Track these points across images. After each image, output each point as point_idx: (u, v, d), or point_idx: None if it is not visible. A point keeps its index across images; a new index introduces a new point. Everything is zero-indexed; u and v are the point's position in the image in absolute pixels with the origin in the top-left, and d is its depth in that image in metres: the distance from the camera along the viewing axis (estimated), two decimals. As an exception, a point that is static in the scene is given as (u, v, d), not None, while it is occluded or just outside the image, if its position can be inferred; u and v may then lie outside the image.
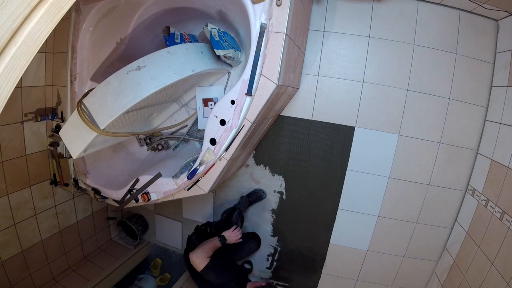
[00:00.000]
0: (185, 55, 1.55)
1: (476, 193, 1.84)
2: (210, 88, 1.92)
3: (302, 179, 2.15)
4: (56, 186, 2.16)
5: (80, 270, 2.41)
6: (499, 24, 1.77)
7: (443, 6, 1.78)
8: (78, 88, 1.75)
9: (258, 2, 1.32)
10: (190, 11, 1.80)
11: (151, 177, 1.66)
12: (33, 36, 0.46)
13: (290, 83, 1.65)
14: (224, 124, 1.47)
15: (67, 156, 2.00)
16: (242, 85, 1.40)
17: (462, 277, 1.78)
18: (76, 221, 2.42)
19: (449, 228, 2.01)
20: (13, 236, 1.95)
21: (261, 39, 1.34)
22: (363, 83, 1.92)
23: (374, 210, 2.07)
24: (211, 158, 1.52)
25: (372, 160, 2.00)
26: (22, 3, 0.42)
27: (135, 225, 2.64)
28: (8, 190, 1.87)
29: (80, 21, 1.66)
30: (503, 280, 1.48)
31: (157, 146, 2.08)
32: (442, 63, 1.83)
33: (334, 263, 2.25)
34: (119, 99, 1.34)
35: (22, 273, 2.05)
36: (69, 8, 0.50)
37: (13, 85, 0.47)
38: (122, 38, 1.86)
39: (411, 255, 2.11)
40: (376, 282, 2.22)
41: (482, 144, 1.86)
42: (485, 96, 1.83)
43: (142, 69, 1.36)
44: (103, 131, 1.37)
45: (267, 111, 1.61)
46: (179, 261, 2.72)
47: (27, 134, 1.93)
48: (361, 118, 1.96)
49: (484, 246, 1.67)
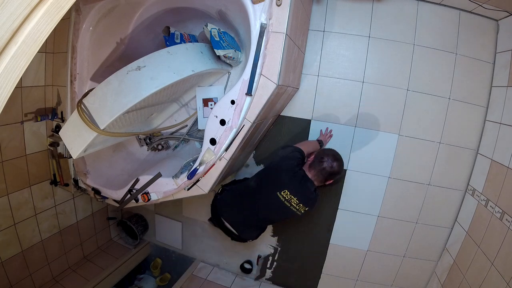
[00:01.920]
0: (185, 55, 1.55)
1: (476, 193, 1.84)
2: (210, 88, 1.92)
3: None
4: (56, 186, 2.16)
5: (80, 270, 2.42)
6: (499, 24, 1.77)
7: (443, 6, 1.78)
8: (78, 88, 1.75)
9: (258, 2, 1.32)
10: (190, 11, 1.80)
11: (151, 177, 1.66)
12: (33, 36, 0.46)
13: (290, 83, 1.65)
14: (224, 124, 1.47)
15: (67, 156, 2.00)
16: (242, 85, 1.41)
17: (462, 277, 1.78)
18: (76, 221, 2.42)
19: (449, 228, 2.01)
20: (13, 236, 1.95)
21: (261, 39, 1.34)
22: (363, 83, 1.92)
23: (374, 210, 2.07)
24: (211, 158, 1.52)
25: (372, 160, 2.00)
26: (22, 3, 0.42)
27: (135, 225, 2.64)
28: (8, 190, 1.87)
29: (80, 21, 1.66)
30: (503, 280, 1.47)
31: (157, 146, 2.08)
32: (442, 63, 1.83)
33: (334, 263, 2.25)
34: (119, 99, 1.34)
35: (22, 273, 2.05)
36: (69, 8, 0.50)
37: (13, 85, 0.47)
38: (122, 38, 1.86)
39: (411, 255, 2.11)
40: (376, 282, 2.22)
41: (482, 144, 1.86)
42: (485, 96, 1.83)
43: (142, 69, 1.37)
44: (103, 131, 1.37)
45: (267, 111, 1.61)
46: (179, 261, 2.72)
47: (27, 134, 1.93)
48: (361, 118, 1.96)
49: (484, 246, 1.67)
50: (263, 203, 1.60)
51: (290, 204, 1.53)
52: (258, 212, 1.64)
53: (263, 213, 1.64)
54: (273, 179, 1.58)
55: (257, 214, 1.65)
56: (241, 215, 1.70)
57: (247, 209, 1.66)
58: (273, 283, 2.44)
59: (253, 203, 1.63)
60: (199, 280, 2.38)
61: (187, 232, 2.61)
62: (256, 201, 1.62)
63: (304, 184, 1.52)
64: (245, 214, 1.68)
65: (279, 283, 2.43)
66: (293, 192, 1.51)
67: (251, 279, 2.47)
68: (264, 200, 1.59)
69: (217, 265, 2.58)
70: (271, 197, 1.55)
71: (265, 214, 1.65)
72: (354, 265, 2.21)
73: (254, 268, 2.45)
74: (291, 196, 1.52)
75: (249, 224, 1.73)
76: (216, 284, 2.36)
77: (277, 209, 1.58)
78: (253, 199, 1.63)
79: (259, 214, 1.65)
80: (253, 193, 1.63)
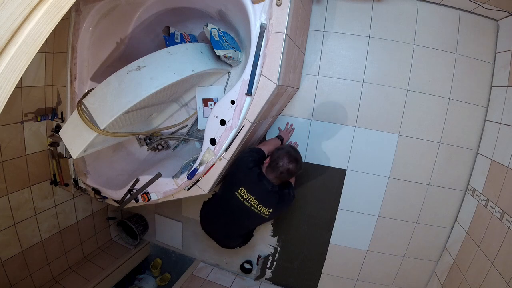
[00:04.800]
0: (185, 55, 1.55)
1: (476, 193, 1.84)
2: (210, 88, 1.92)
3: (302, 179, 2.14)
4: (56, 186, 2.16)
5: (80, 270, 2.42)
6: (499, 24, 1.77)
7: (443, 6, 1.78)
8: (78, 88, 1.75)
9: (258, 2, 1.32)
10: (190, 11, 1.80)
11: (151, 177, 1.66)
12: (33, 36, 0.46)
13: (290, 83, 1.65)
14: (224, 124, 1.47)
15: (67, 156, 2.00)
16: (242, 85, 1.40)
17: (462, 277, 1.78)
18: (76, 221, 2.42)
19: (449, 228, 2.01)
20: (13, 236, 1.95)
21: (261, 39, 1.34)
22: (363, 83, 1.92)
23: (374, 210, 2.07)
24: (211, 158, 1.52)
25: (372, 160, 2.00)
26: (22, 3, 0.42)
27: (135, 225, 2.64)
28: (8, 190, 1.87)
29: (80, 21, 1.66)
30: (503, 280, 1.47)
31: (157, 146, 2.08)
32: (442, 63, 1.83)
33: (334, 263, 2.25)
34: (119, 99, 1.34)
35: (22, 273, 2.05)
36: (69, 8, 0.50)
37: (13, 85, 0.47)
38: (122, 38, 1.86)
39: (411, 255, 2.11)
40: (376, 282, 2.22)
41: (482, 144, 1.86)
42: (485, 96, 1.83)
43: (142, 69, 1.36)
44: (103, 131, 1.37)
45: (267, 111, 1.61)
46: (179, 261, 2.72)
47: (27, 134, 1.93)
48: (361, 118, 1.96)
49: (484, 246, 1.67)
50: (228, 208, 1.56)
51: (250, 205, 1.47)
52: (229, 220, 1.61)
53: (232, 219, 1.60)
54: (230, 178, 1.56)
55: (230, 223, 1.63)
56: (218, 225, 1.70)
57: (221, 219, 1.64)
58: (273, 283, 2.44)
59: (223, 211, 1.60)
60: (199, 280, 2.38)
61: (187, 232, 2.61)
62: (224, 209, 1.59)
63: (260, 181, 1.46)
64: (220, 225, 1.67)
65: (279, 283, 2.43)
66: (250, 190, 1.46)
67: (251, 279, 2.47)
68: (227, 204, 1.55)
69: (217, 265, 2.58)
70: (232, 198, 1.49)
71: (234, 220, 1.60)
72: (354, 265, 2.21)
73: (254, 268, 2.45)
74: (248, 194, 1.46)
75: (228, 234, 1.72)
76: (216, 284, 2.36)
77: (240, 212, 1.52)
78: (222, 207, 1.60)
79: (231, 222, 1.62)
80: (220, 200, 1.62)
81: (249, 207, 1.48)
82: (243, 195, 1.47)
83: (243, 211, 1.51)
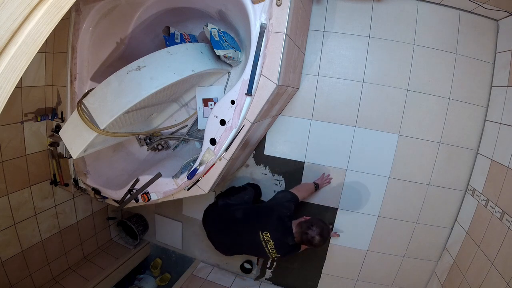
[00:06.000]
0: (185, 55, 1.55)
1: (476, 193, 1.84)
2: (210, 88, 1.92)
3: (302, 179, 2.14)
4: (56, 186, 2.16)
5: (80, 270, 2.41)
6: (499, 24, 1.77)
7: (443, 6, 1.78)
8: (78, 88, 1.75)
9: (258, 2, 1.32)
10: (190, 11, 1.80)
11: (151, 177, 1.66)
12: (33, 36, 0.46)
13: (290, 83, 1.65)
14: (224, 124, 1.47)
15: (67, 156, 2.01)
16: (242, 85, 1.41)
17: (462, 277, 1.78)
18: (76, 221, 2.42)
19: (449, 228, 2.01)
20: (13, 236, 1.95)
21: (261, 39, 1.34)
22: (363, 83, 1.92)
23: (374, 210, 2.07)
24: (211, 158, 1.52)
25: (372, 160, 2.00)
26: (22, 3, 0.42)
27: (135, 225, 2.64)
28: (8, 190, 1.87)
29: (80, 21, 1.66)
30: (503, 280, 1.47)
31: (157, 146, 2.08)
32: (442, 63, 1.83)
33: (334, 263, 2.25)
34: (119, 99, 1.34)
35: (22, 273, 2.05)
36: (69, 8, 0.50)
37: (13, 85, 0.47)
38: (122, 38, 1.86)
39: (411, 255, 2.11)
40: (376, 282, 2.22)
41: (482, 144, 1.86)
42: (485, 96, 1.83)
43: (142, 69, 1.37)
44: (103, 131, 1.37)
45: (267, 111, 1.61)
46: (179, 261, 2.72)
47: (27, 134, 1.93)
48: (361, 118, 1.96)
49: (484, 246, 1.67)
50: (244, 237, 1.71)
51: (265, 246, 1.64)
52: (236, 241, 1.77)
53: (240, 243, 1.77)
54: (261, 219, 1.69)
55: (236, 243, 1.78)
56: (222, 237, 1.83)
57: (229, 236, 1.78)
58: (273, 283, 2.44)
59: (236, 234, 1.74)
60: (199, 280, 2.38)
61: (187, 232, 2.61)
62: (240, 233, 1.73)
63: (286, 235, 1.62)
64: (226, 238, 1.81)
65: (279, 283, 2.43)
66: (273, 237, 1.62)
67: (251, 279, 2.47)
68: (246, 234, 1.70)
69: (217, 265, 2.58)
70: (253, 233, 1.66)
71: (242, 245, 1.78)
72: (354, 265, 2.21)
73: (254, 268, 2.45)
74: (270, 239, 1.62)
75: (227, 247, 1.87)
76: (216, 284, 2.36)
77: (251, 244, 1.70)
78: (237, 230, 1.74)
79: (238, 243, 1.78)
80: (238, 223, 1.74)
81: (264, 247, 1.65)
82: (265, 238, 1.63)
83: (254, 245, 1.67)
